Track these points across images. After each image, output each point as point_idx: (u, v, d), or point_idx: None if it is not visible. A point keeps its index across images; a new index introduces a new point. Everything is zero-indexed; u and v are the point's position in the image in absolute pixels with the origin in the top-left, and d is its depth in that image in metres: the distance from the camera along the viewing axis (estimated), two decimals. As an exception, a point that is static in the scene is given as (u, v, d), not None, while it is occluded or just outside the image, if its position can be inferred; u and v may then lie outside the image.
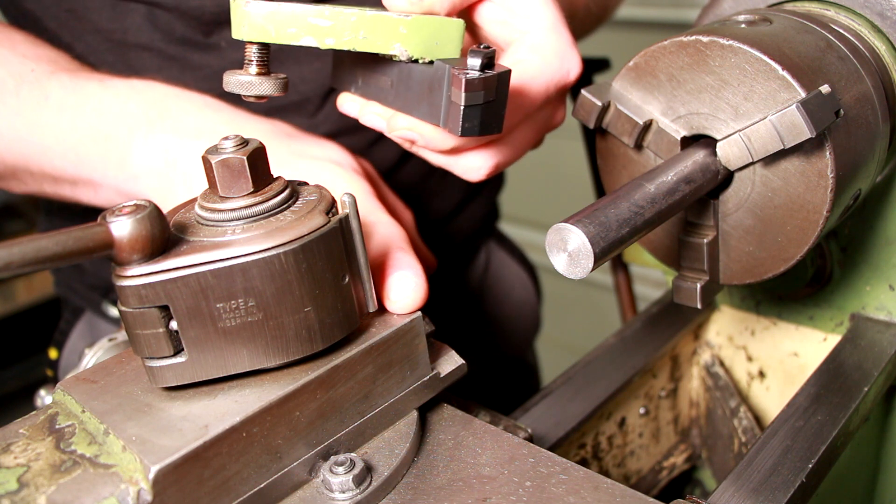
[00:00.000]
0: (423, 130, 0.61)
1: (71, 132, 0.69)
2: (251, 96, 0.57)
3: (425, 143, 0.62)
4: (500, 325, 1.17)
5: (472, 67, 0.54)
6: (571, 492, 0.45)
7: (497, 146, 0.65)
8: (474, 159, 0.64)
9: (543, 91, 0.63)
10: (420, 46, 0.58)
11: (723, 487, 0.53)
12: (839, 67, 0.56)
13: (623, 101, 0.59)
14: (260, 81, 0.57)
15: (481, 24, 0.65)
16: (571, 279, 0.46)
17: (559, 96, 0.66)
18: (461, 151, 0.64)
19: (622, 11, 1.73)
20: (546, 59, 0.62)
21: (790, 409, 0.60)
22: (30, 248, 0.36)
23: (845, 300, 0.75)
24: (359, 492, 0.45)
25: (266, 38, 0.56)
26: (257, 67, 0.57)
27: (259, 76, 0.57)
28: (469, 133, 0.55)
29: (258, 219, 0.44)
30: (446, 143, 0.62)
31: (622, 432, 0.76)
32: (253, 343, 0.44)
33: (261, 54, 0.57)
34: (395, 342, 0.49)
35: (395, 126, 0.62)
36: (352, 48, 0.58)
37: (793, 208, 0.54)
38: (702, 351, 0.85)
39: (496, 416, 0.58)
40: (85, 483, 0.40)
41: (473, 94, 0.53)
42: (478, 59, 0.54)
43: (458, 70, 0.54)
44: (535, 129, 0.66)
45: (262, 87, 0.57)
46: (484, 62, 0.54)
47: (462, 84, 0.53)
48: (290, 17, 0.56)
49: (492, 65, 0.55)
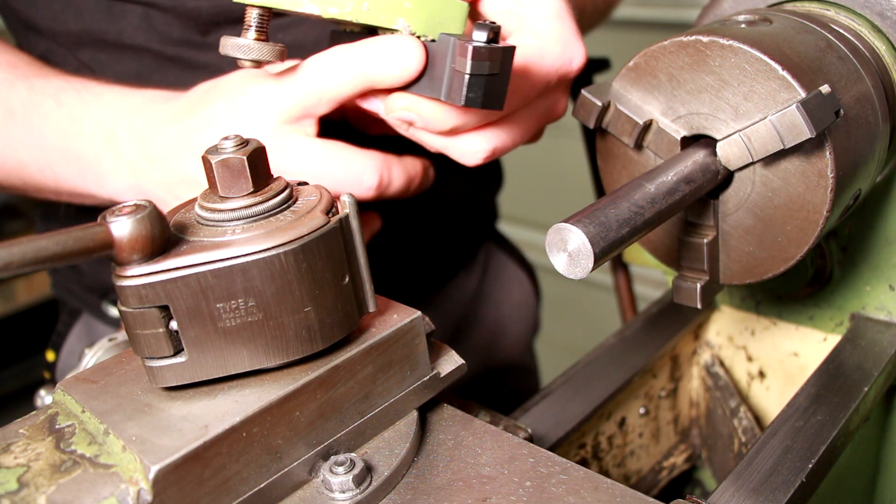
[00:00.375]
0: (421, 109, 0.60)
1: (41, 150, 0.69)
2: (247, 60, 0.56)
3: (424, 123, 0.61)
4: (498, 326, 1.17)
5: (479, 39, 0.54)
6: (571, 492, 0.45)
7: (496, 129, 0.64)
8: (472, 141, 0.64)
9: (544, 76, 0.62)
10: (424, 23, 0.57)
11: (723, 487, 0.53)
12: (839, 67, 0.56)
13: (623, 101, 0.59)
14: (258, 46, 0.56)
15: (486, 14, 0.65)
16: (571, 279, 0.46)
17: (561, 85, 0.66)
18: (459, 132, 0.63)
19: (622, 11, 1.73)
20: (548, 45, 0.62)
21: (790, 409, 0.60)
22: (30, 248, 0.36)
23: (845, 300, 0.75)
24: (359, 492, 0.45)
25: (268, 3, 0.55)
26: (256, 32, 0.56)
27: (257, 41, 0.56)
28: (472, 104, 0.55)
29: (258, 219, 0.44)
30: (445, 121, 0.61)
31: (622, 432, 0.76)
32: (253, 343, 0.44)
33: (261, 19, 0.56)
34: (395, 342, 0.49)
35: (394, 106, 0.61)
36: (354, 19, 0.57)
37: (793, 208, 0.54)
38: (702, 351, 0.85)
39: (496, 416, 0.58)
40: (85, 483, 0.40)
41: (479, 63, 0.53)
42: (484, 33, 0.53)
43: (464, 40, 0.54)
44: (535, 117, 0.66)
45: (259, 52, 0.56)
46: (490, 36, 0.54)
47: (469, 52, 0.53)
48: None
49: (497, 40, 0.54)
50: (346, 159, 0.63)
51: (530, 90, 0.62)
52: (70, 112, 0.68)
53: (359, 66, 0.59)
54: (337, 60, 0.60)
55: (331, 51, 0.61)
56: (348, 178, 0.63)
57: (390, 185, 0.66)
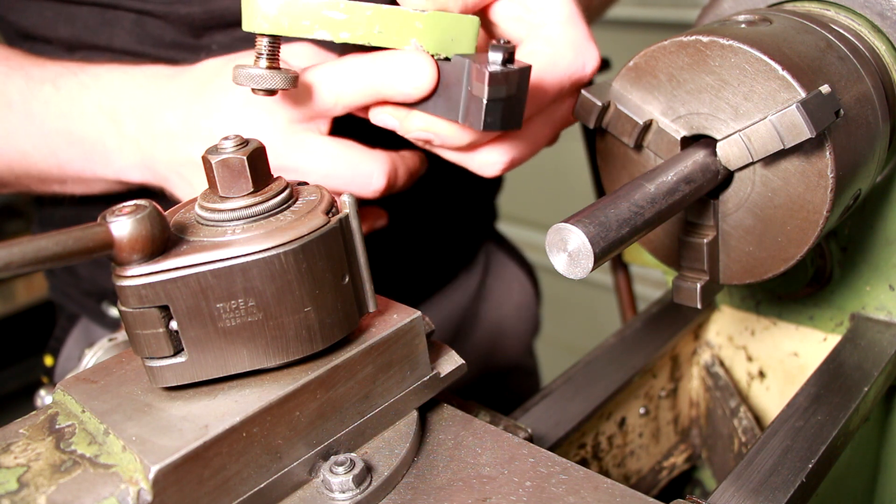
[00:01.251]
0: (439, 129, 0.60)
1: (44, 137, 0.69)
2: (261, 90, 0.56)
3: (441, 141, 0.61)
4: (499, 327, 1.17)
5: (494, 62, 0.53)
6: (571, 492, 0.45)
7: (512, 141, 0.64)
8: (490, 155, 0.64)
9: (558, 83, 0.62)
10: (435, 42, 0.57)
11: (723, 487, 0.53)
12: (839, 67, 0.56)
13: (623, 101, 0.59)
14: (271, 75, 0.56)
15: (496, 22, 0.64)
16: (571, 279, 0.46)
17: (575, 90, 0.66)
18: (477, 147, 0.63)
19: (622, 11, 1.73)
20: (561, 51, 0.62)
21: (790, 409, 0.60)
22: (30, 248, 0.36)
23: (845, 300, 0.75)
24: (359, 492, 0.45)
25: (279, 31, 0.55)
26: (267, 61, 0.56)
27: (270, 69, 0.56)
28: (491, 128, 0.55)
29: (258, 219, 0.44)
30: (463, 139, 0.61)
31: (622, 432, 0.76)
32: (253, 343, 0.44)
33: (272, 47, 0.56)
34: (395, 342, 0.49)
35: (410, 127, 0.61)
36: (367, 42, 0.57)
37: (793, 208, 0.54)
38: (702, 351, 0.85)
39: (496, 416, 0.58)
40: (85, 483, 0.40)
41: (497, 87, 0.53)
42: (499, 54, 0.53)
43: (480, 64, 0.54)
44: (550, 124, 0.66)
45: (272, 81, 0.56)
46: (505, 57, 0.53)
47: (486, 77, 0.53)
48: (305, 9, 0.55)
49: (512, 59, 0.54)
50: (357, 160, 0.64)
51: (544, 98, 0.62)
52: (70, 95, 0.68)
53: (373, 80, 0.60)
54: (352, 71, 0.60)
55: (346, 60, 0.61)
56: (357, 178, 0.63)
57: (396, 184, 0.66)
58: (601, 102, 0.58)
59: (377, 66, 0.59)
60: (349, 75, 0.60)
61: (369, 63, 0.60)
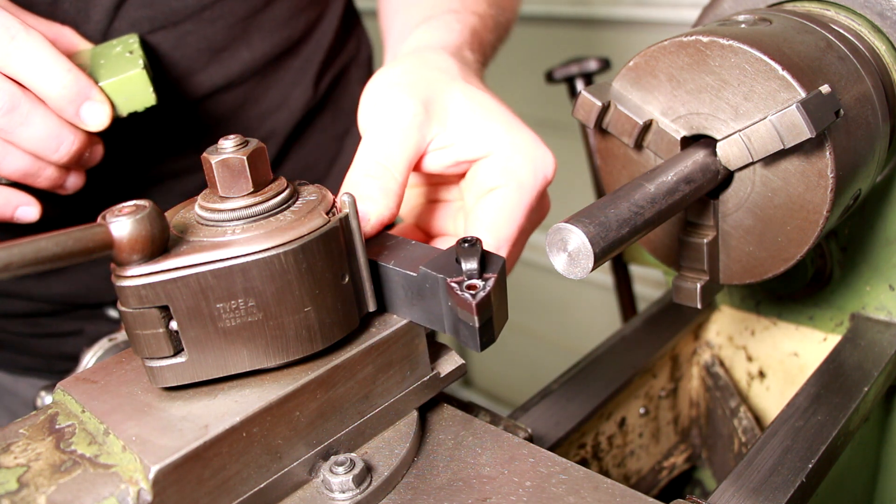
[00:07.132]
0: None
1: None
2: None
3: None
4: None
5: (469, 272, 0.46)
6: (571, 492, 0.45)
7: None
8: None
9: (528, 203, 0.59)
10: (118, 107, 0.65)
11: (723, 487, 0.53)
12: (839, 67, 0.56)
13: (623, 101, 0.59)
14: None
15: (431, 171, 0.61)
16: (571, 279, 0.46)
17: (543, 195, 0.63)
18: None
19: (622, 11, 1.73)
20: (522, 178, 0.59)
21: (790, 409, 0.60)
22: (30, 249, 0.36)
23: (845, 300, 0.75)
24: (359, 492, 0.45)
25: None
26: None
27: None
28: (489, 344, 0.48)
29: (258, 219, 0.44)
30: None
31: (622, 432, 0.76)
32: (253, 343, 0.44)
33: None
34: (395, 342, 0.49)
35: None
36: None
37: (793, 208, 0.54)
38: (702, 351, 0.85)
39: (496, 416, 0.58)
40: (85, 483, 0.40)
41: (485, 311, 0.46)
42: (473, 262, 0.46)
43: (456, 283, 0.46)
44: (529, 228, 0.64)
45: None
46: (480, 260, 0.47)
47: (473, 308, 0.45)
48: None
49: (483, 257, 0.47)
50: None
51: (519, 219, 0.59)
52: None
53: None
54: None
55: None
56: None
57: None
58: (601, 102, 0.58)
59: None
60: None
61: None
